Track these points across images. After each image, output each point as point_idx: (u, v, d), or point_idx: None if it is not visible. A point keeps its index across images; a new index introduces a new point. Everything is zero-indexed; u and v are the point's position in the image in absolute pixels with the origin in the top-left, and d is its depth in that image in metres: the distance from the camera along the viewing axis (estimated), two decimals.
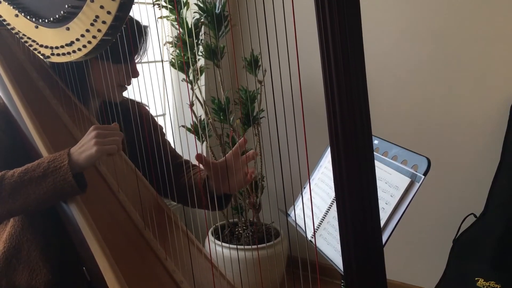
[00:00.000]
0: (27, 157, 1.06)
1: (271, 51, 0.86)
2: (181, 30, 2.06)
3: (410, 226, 2.01)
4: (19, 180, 0.97)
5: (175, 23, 2.11)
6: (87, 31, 0.94)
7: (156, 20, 2.08)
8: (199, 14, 2.06)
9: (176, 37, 2.14)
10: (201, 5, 2.03)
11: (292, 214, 1.33)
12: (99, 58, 1.10)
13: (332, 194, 1.21)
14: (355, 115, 0.65)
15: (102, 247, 0.97)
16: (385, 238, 1.03)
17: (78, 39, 0.96)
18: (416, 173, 1.03)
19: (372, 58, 2.14)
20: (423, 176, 1.01)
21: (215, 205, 1.21)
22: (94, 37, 0.93)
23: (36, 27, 1.01)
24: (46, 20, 0.98)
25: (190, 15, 2.04)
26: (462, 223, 1.93)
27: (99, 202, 1.10)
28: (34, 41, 1.03)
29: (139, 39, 1.17)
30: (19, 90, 1.13)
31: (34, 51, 1.05)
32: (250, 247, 2.19)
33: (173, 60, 2.14)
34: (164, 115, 2.47)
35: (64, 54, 1.00)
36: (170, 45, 2.15)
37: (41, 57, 1.05)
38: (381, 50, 2.17)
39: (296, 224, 1.28)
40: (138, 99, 1.26)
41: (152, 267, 1.05)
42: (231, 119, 2.17)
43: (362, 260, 0.69)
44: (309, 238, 1.19)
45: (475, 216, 1.93)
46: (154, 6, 2.03)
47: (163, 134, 1.40)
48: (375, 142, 1.18)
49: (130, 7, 0.91)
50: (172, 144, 1.43)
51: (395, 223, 1.03)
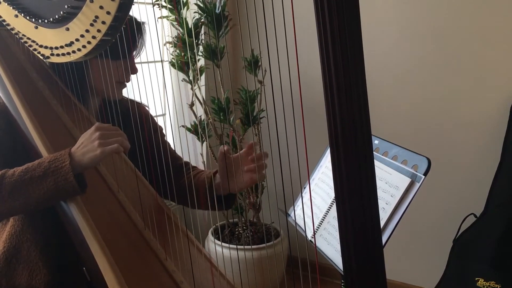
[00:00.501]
0: (27, 156, 1.06)
1: (271, 51, 0.86)
2: (181, 30, 2.06)
3: (410, 226, 2.00)
4: (20, 179, 0.97)
5: (175, 23, 2.11)
6: (87, 31, 0.94)
7: (156, 20, 2.08)
8: (199, 14, 2.06)
9: (176, 37, 2.14)
10: (201, 5, 2.03)
11: (292, 214, 1.33)
12: (98, 56, 1.10)
13: (332, 194, 1.20)
14: (355, 115, 0.65)
15: (102, 247, 0.96)
16: (385, 238, 1.03)
17: (77, 40, 0.96)
18: (416, 173, 1.03)
19: (372, 58, 2.14)
20: (423, 176, 1.01)
21: (220, 204, 1.23)
22: (94, 37, 0.93)
23: (36, 28, 1.01)
24: (46, 21, 0.98)
25: (190, 15, 2.04)
26: (462, 223, 1.93)
27: (99, 202, 1.10)
28: (33, 41, 1.03)
29: (137, 35, 1.17)
30: (19, 90, 1.13)
31: (34, 52, 1.05)
32: (250, 247, 2.19)
33: (173, 60, 2.14)
34: (164, 115, 2.47)
35: (63, 55, 1.00)
36: (170, 45, 2.15)
37: (40, 57, 1.05)
38: (381, 50, 2.17)
39: (296, 224, 1.28)
40: (138, 99, 1.26)
41: (152, 267, 1.05)
42: (231, 119, 2.17)
43: (362, 260, 0.69)
44: (309, 238, 1.19)
45: (475, 216, 1.93)
46: (154, 6, 2.03)
47: (163, 135, 1.40)
48: (375, 142, 1.18)
49: (130, 8, 0.91)
50: (172, 144, 1.43)
51: (395, 223, 1.03)
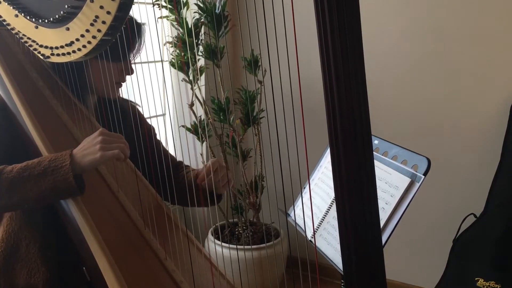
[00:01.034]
0: (26, 155, 1.06)
1: (271, 51, 0.86)
2: (181, 30, 2.06)
3: (410, 226, 2.00)
4: (18, 176, 0.97)
5: (175, 23, 2.11)
6: (87, 31, 0.94)
7: (156, 20, 2.08)
8: (199, 14, 2.06)
9: (176, 37, 2.14)
10: (201, 5, 2.03)
11: (292, 214, 1.33)
12: (97, 56, 1.10)
13: (332, 194, 1.21)
14: (355, 115, 0.65)
15: (102, 247, 0.97)
16: (385, 238, 1.03)
17: (78, 39, 0.96)
18: (416, 173, 1.03)
19: (372, 58, 2.14)
20: (423, 176, 1.01)
21: (212, 200, 1.24)
22: (94, 37, 0.93)
23: (36, 27, 1.01)
24: (46, 20, 0.98)
25: (190, 15, 2.04)
26: (462, 223, 1.93)
27: (99, 201, 1.10)
28: (34, 41, 1.03)
29: (135, 38, 1.17)
30: (19, 89, 1.13)
31: (34, 51, 1.05)
32: (250, 247, 2.19)
33: (173, 60, 2.14)
34: (164, 115, 2.47)
35: (64, 54, 1.00)
36: (170, 45, 2.15)
37: (41, 57, 1.05)
38: (381, 50, 2.17)
39: (296, 224, 1.28)
40: (138, 99, 1.27)
41: (152, 267, 1.05)
42: (231, 119, 2.17)
43: (362, 260, 0.69)
44: (309, 238, 1.19)
45: (475, 216, 1.92)
46: (154, 6, 2.03)
47: (155, 134, 1.40)
48: (375, 142, 1.18)
49: (130, 7, 0.91)
50: (172, 144, 1.44)
51: (395, 223, 1.03)
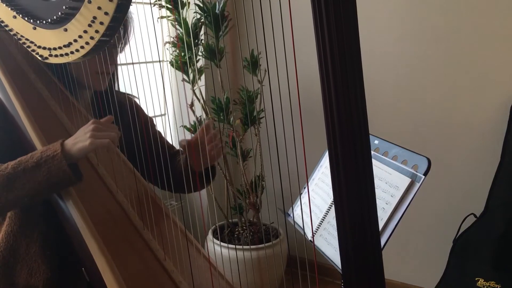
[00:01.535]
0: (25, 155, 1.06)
1: (271, 51, 0.86)
2: (181, 30, 2.06)
3: (410, 226, 2.01)
4: (13, 171, 0.97)
5: (175, 23, 2.11)
6: (85, 32, 0.93)
7: (157, 20, 2.08)
8: (199, 14, 2.06)
9: (176, 37, 2.14)
10: (201, 5, 2.03)
11: (292, 214, 1.33)
12: None
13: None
14: (353, 116, 0.65)
15: (101, 248, 0.97)
16: (385, 238, 1.03)
17: (76, 40, 0.95)
18: (416, 173, 1.03)
19: (372, 58, 2.14)
20: (423, 176, 1.01)
21: (207, 175, 1.28)
22: (92, 38, 0.93)
23: (34, 29, 1.00)
24: (44, 22, 0.98)
25: (190, 15, 2.04)
26: (462, 223, 1.93)
27: (97, 202, 1.10)
28: (32, 42, 1.03)
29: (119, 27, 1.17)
30: (17, 91, 1.13)
31: (32, 52, 1.05)
32: (249, 247, 2.19)
33: (173, 60, 2.14)
34: (164, 115, 2.47)
35: (62, 55, 0.99)
36: (170, 45, 2.15)
37: (39, 58, 1.05)
38: (381, 50, 2.17)
39: (295, 224, 1.28)
40: (138, 99, 1.27)
41: (151, 267, 1.05)
42: (231, 119, 2.17)
43: (360, 260, 0.69)
44: (309, 238, 1.19)
45: (475, 216, 1.92)
46: (154, 6, 2.03)
47: (154, 125, 1.41)
48: (375, 142, 1.18)
49: (128, 8, 0.90)
50: (172, 143, 1.44)
51: (395, 223, 1.03)
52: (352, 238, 0.68)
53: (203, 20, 2.07)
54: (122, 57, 1.29)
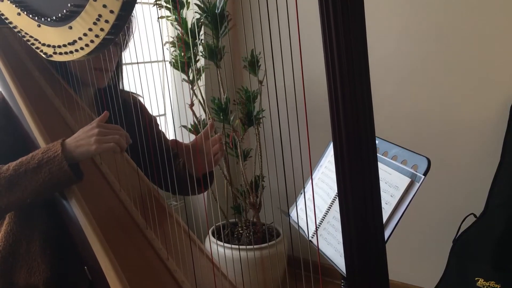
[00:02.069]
0: (27, 154, 1.05)
1: (271, 51, 0.86)
2: (181, 30, 2.06)
3: (410, 226, 2.01)
4: (14, 173, 0.97)
5: (175, 23, 2.10)
6: (90, 30, 0.93)
7: (157, 20, 2.08)
8: (199, 14, 2.06)
9: (176, 37, 2.14)
10: (201, 5, 2.03)
11: (292, 215, 1.33)
12: None
13: (332, 194, 1.21)
14: (359, 114, 0.65)
15: (104, 247, 0.96)
16: (385, 238, 1.03)
17: (81, 38, 0.95)
18: (416, 173, 1.03)
19: (372, 58, 2.13)
20: (423, 176, 1.01)
21: (200, 186, 1.27)
22: (97, 36, 0.93)
23: (39, 26, 1.00)
24: (49, 19, 0.98)
25: (190, 15, 2.04)
26: (462, 223, 1.93)
27: (100, 201, 1.09)
28: (36, 39, 1.03)
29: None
30: (21, 89, 1.13)
31: (36, 50, 1.05)
32: (252, 247, 2.19)
33: (173, 60, 2.14)
34: (164, 115, 2.47)
35: (66, 53, 0.99)
36: (170, 45, 2.15)
37: (43, 56, 1.04)
38: (381, 50, 2.18)
39: (295, 224, 1.28)
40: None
41: (154, 266, 1.05)
42: (231, 119, 2.17)
43: (365, 258, 0.69)
44: (310, 238, 1.19)
45: (475, 216, 1.93)
46: (154, 6, 2.03)
47: (157, 124, 1.41)
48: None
49: (133, 6, 0.90)
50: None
51: (395, 223, 1.03)
52: (356, 237, 0.68)
53: (203, 20, 2.07)
54: (122, 57, 1.29)
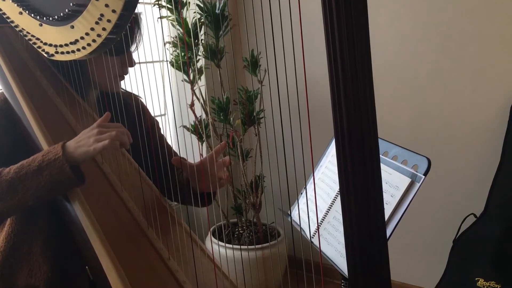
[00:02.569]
0: (29, 155, 1.04)
1: (271, 51, 0.86)
2: (181, 30, 2.06)
3: (410, 226, 2.01)
4: (15, 176, 0.97)
5: (175, 23, 2.11)
6: (92, 29, 0.93)
7: (157, 20, 2.08)
8: (199, 14, 2.06)
9: (176, 37, 2.14)
10: (201, 5, 2.03)
11: (292, 215, 1.33)
12: None
13: (333, 194, 1.21)
14: (362, 113, 0.65)
15: (106, 247, 0.96)
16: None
17: (82, 38, 0.95)
18: (416, 173, 1.03)
19: (373, 59, 2.14)
20: (423, 176, 1.01)
21: (198, 201, 1.25)
22: (99, 35, 0.93)
23: (40, 25, 1.00)
24: (51, 18, 0.98)
25: (190, 15, 2.04)
26: (462, 223, 1.93)
27: (102, 201, 1.09)
28: (38, 39, 1.02)
29: (134, 29, 1.17)
30: (23, 88, 1.12)
31: (38, 49, 1.05)
32: (254, 247, 2.19)
33: (173, 60, 2.14)
34: (164, 115, 2.47)
35: (68, 53, 0.99)
36: (170, 45, 2.15)
37: (45, 55, 1.04)
38: (381, 51, 2.18)
39: (296, 225, 1.28)
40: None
41: (155, 267, 1.04)
42: (231, 119, 2.17)
43: (367, 257, 0.69)
44: (311, 238, 1.19)
45: (475, 216, 1.93)
46: (154, 6, 2.03)
47: (159, 128, 1.40)
48: None
49: (136, 6, 0.90)
50: (171, 144, 1.43)
51: (395, 223, 1.03)
52: (359, 237, 0.68)
53: (203, 20, 2.07)
54: None
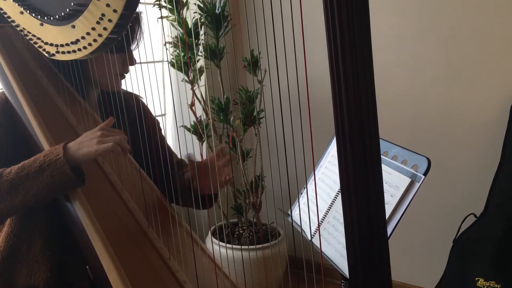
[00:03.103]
0: (30, 155, 1.04)
1: (271, 51, 0.86)
2: (181, 30, 2.06)
3: (410, 226, 2.01)
4: (16, 176, 0.97)
5: (175, 23, 2.10)
6: (93, 29, 0.93)
7: (157, 20, 2.08)
8: (199, 14, 2.06)
9: (176, 37, 2.14)
10: (201, 5, 2.03)
11: (292, 214, 1.33)
12: None
13: (332, 194, 1.21)
14: (363, 113, 0.65)
15: (106, 247, 0.96)
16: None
17: (83, 37, 0.95)
18: (416, 173, 1.03)
19: (373, 58, 2.14)
20: (423, 176, 1.01)
21: (199, 203, 1.23)
22: (100, 35, 0.93)
23: (41, 25, 1.00)
24: (52, 18, 0.98)
25: (190, 15, 2.04)
26: (462, 223, 1.94)
27: (102, 201, 1.09)
28: (39, 38, 1.02)
29: (135, 27, 1.17)
30: (23, 87, 1.12)
31: (39, 49, 1.05)
32: (255, 246, 2.19)
33: (173, 60, 2.14)
34: (164, 115, 2.47)
35: (69, 52, 0.99)
36: (170, 45, 2.15)
37: (46, 54, 1.04)
38: (381, 50, 2.18)
39: (296, 225, 1.28)
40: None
41: (156, 266, 1.04)
42: (231, 119, 2.17)
43: (368, 257, 0.69)
44: (311, 238, 1.19)
45: (475, 216, 1.93)
46: (154, 6, 2.03)
47: (160, 129, 1.40)
48: None
49: (137, 6, 0.90)
50: (171, 145, 1.43)
51: (395, 223, 1.03)
52: (359, 238, 0.68)
53: (203, 20, 2.07)
54: None
